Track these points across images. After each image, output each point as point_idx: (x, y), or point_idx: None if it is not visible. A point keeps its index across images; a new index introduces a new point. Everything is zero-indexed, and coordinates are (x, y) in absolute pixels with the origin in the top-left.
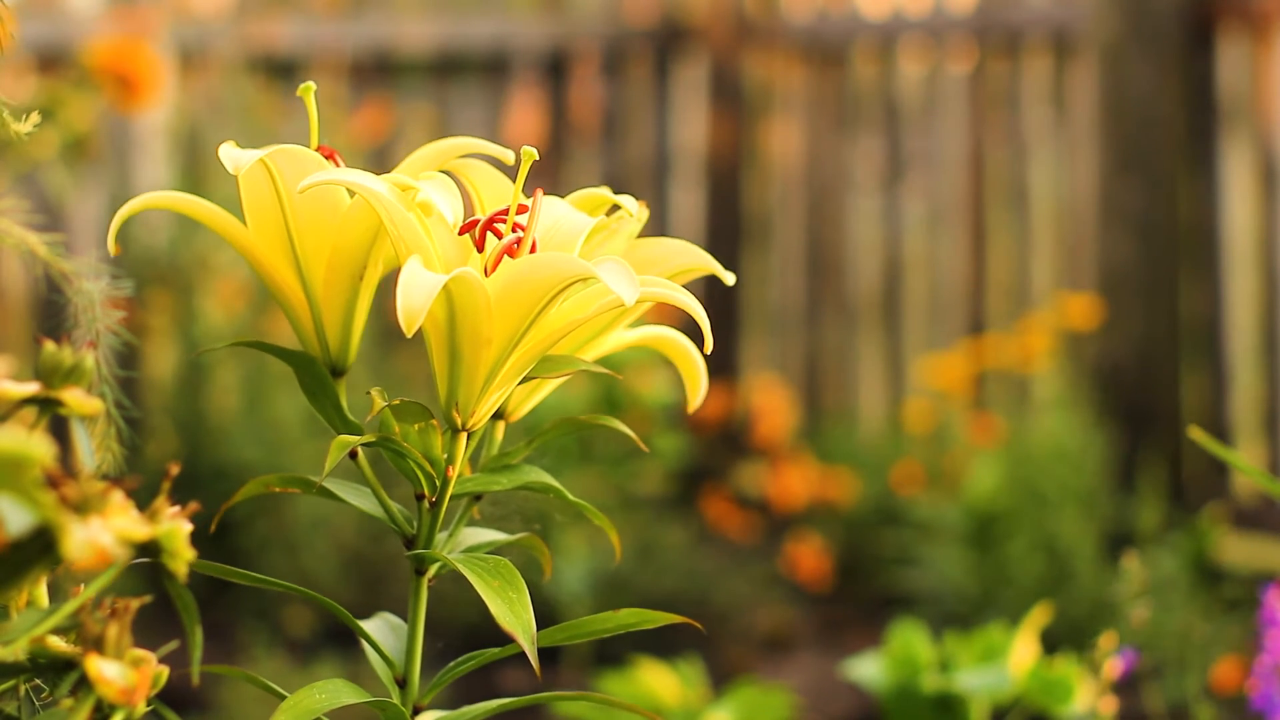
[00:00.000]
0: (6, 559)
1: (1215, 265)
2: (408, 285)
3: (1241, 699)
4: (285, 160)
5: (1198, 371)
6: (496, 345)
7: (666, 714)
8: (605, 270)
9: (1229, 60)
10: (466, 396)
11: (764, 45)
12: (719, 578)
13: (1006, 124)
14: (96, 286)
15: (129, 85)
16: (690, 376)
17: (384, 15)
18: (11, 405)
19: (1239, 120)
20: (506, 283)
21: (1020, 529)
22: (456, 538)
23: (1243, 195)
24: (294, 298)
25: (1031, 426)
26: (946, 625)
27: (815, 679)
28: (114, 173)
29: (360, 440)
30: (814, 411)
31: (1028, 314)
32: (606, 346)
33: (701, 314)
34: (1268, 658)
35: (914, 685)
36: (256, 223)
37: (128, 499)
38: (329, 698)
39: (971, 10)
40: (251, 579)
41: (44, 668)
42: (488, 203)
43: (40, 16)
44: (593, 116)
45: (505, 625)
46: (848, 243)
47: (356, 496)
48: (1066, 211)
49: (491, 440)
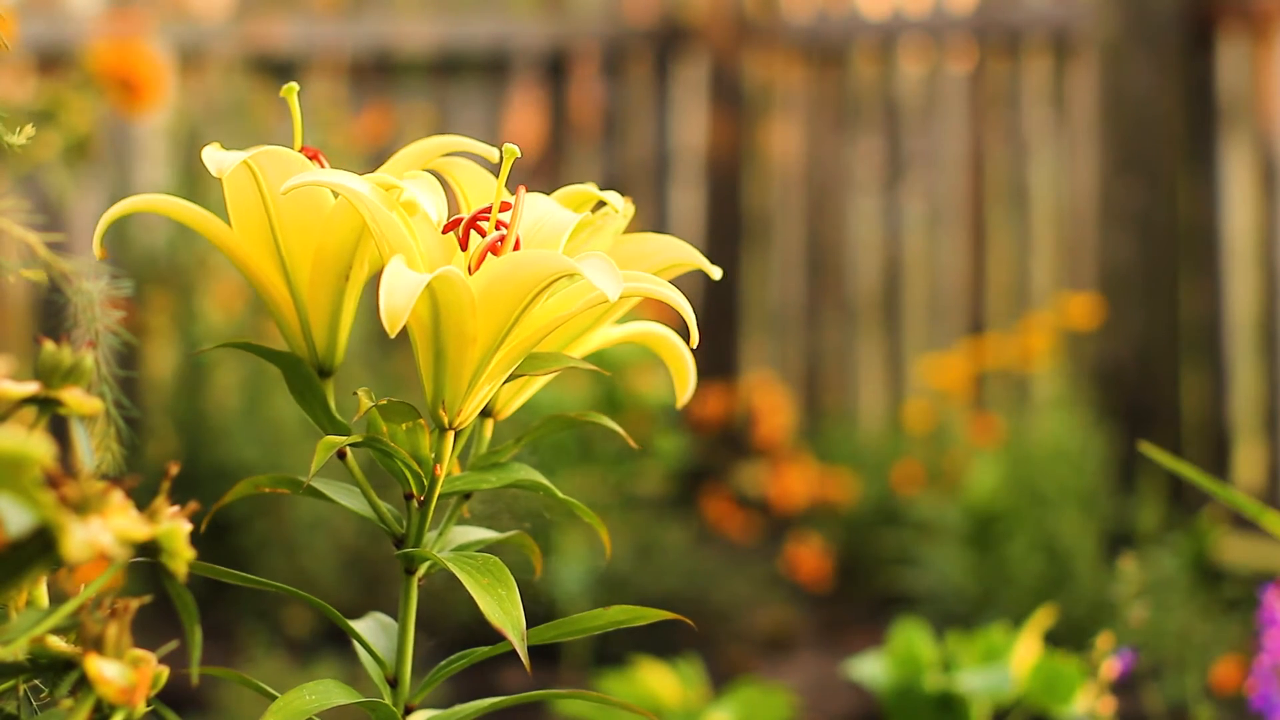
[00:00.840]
0: (6, 559)
1: (1215, 265)
2: (390, 285)
3: (1241, 699)
4: (269, 161)
5: (1198, 371)
6: (481, 343)
7: (666, 714)
8: (588, 266)
9: (1229, 60)
10: (453, 395)
11: (764, 45)
12: (719, 578)
13: (1006, 124)
14: (96, 286)
15: (131, 89)
16: (678, 372)
17: (384, 15)
18: (11, 405)
19: (1239, 120)
20: (490, 280)
21: (1020, 529)
22: (446, 536)
23: (1243, 195)
24: (280, 298)
25: (1031, 426)
26: (946, 625)
27: (815, 679)
28: (114, 174)
29: (347, 440)
30: (814, 411)
31: (1028, 314)
32: (594, 343)
33: (687, 308)
34: (1266, 657)
35: (915, 685)
36: (241, 224)
37: (127, 499)
38: (320, 698)
39: (971, 10)
40: (246, 580)
41: (43, 668)
42: (473, 201)
43: (40, 17)
44: (593, 116)
45: (495, 622)
46: (848, 243)
47: (346, 496)
48: (1066, 211)
49: (480, 438)
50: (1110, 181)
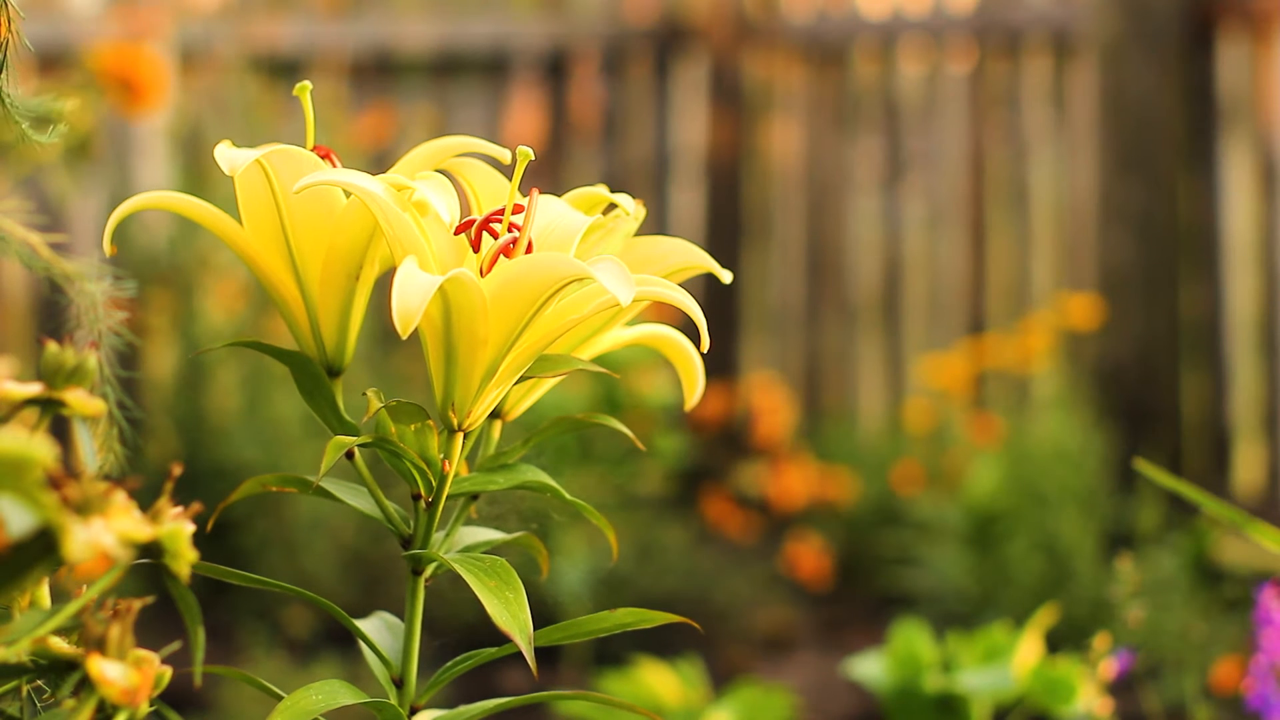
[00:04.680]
0: (9, 560)
1: (1215, 265)
2: (403, 286)
3: (1241, 699)
4: (281, 160)
5: (1198, 371)
6: (492, 345)
7: (666, 714)
8: (601, 270)
9: (1229, 60)
10: (462, 396)
11: (764, 45)
12: (719, 578)
13: (1006, 124)
14: (99, 287)
15: (133, 89)
16: (687, 375)
17: (384, 15)
18: (14, 406)
19: (1239, 120)
20: (502, 283)
21: (1020, 529)
22: (453, 537)
23: (1243, 195)
24: (290, 298)
25: (1031, 426)
26: (946, 625)
27: (815, 679)
28: (115, 173)
29: (356, 441)
30: (814, 411)
31: (1028, 314)
32: (603, 345)
33: (698, 312)
34: (1263, 657)
35: (916, 685)
36: (252, 223)
37: (130, 499)
38: (326, 698)
39: (971, 10)
40: (249, 580)
41: (46, 669)
42: (485, 202)
43: (40, 17)
44: (593, 116)
45: (502, 625)
46: (848, 243)
47: (353, 496)
48: (1066, 211)
49: (488, 439)
50: (1110, 181)
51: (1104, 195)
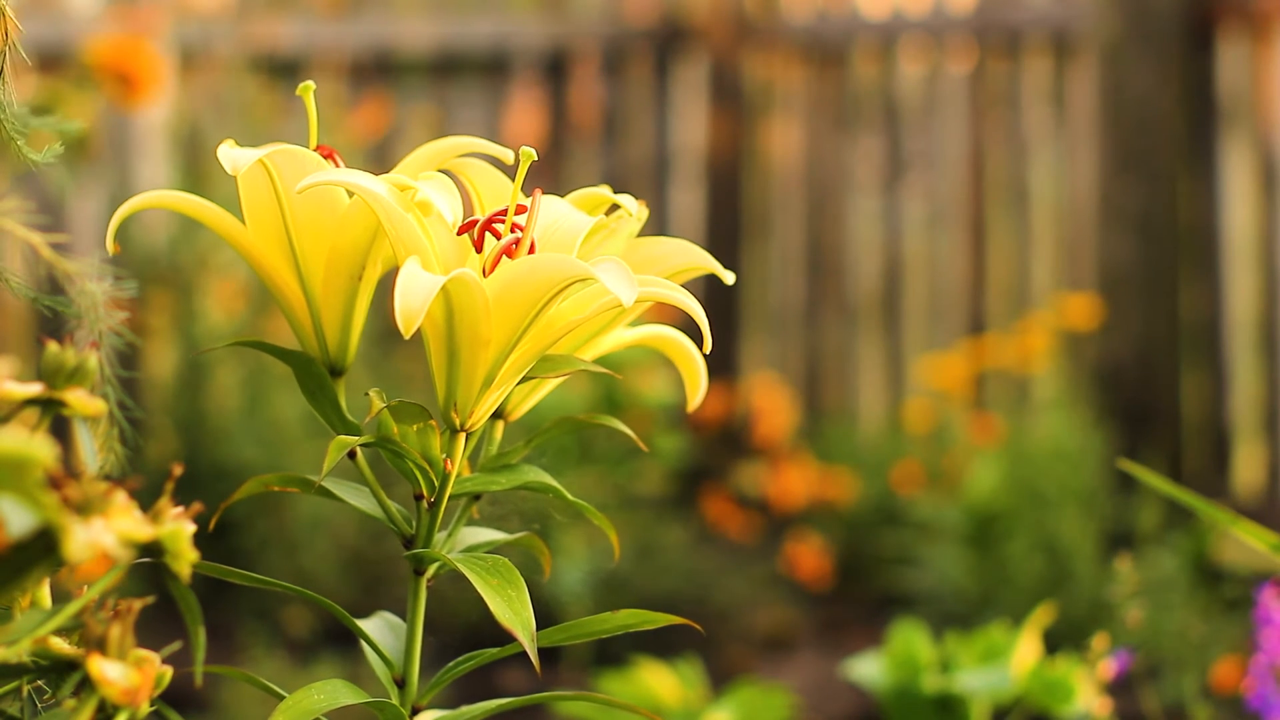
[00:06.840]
0: (9, 560)
1: (1215, 265)
2: (406, 287)
3: (1240, 699)
4: (284, 160)
5: (1197, 371)
6: (495, 346)
7: (666, 714)
8: (604, 271)
9: (1229, 60)
10: (465, 397)
11: (764, 45)
12: (719, 578)
13: (1006, 124)
14: (99, 287)
15: (129, 82)
16: (690, 376)
17: (384, 15)
18: (14, 406)
19: (1239, 120)
20: (505, 284)
21: (1020, 529)
22: (455, 537)
23: (1243, 195)
24: (293, 297)
25: (1031, 426)
26: (946, 625)
27: (815, 679)
28: (114, 172)
29: (359, 440)
30: (814, 411)
31: (1028, 314)
32: (606, 346)
33: (701, 314)
34: (1263, 657)
35: (914, 685)
36: (255, 222)
37: (130, 499)
38: (327, 698)
39: (971, 10)
40: (251, 579)
41: (47, 669)
42: (487, 202)
43: (40, 16)
44: (593, 116)
45: (505, 623)
46: (848, 243)
47: (355, 496)
48: (1066, 211)
49: (490, 440)
50: (1110, 181)
51: (1104, 195)
